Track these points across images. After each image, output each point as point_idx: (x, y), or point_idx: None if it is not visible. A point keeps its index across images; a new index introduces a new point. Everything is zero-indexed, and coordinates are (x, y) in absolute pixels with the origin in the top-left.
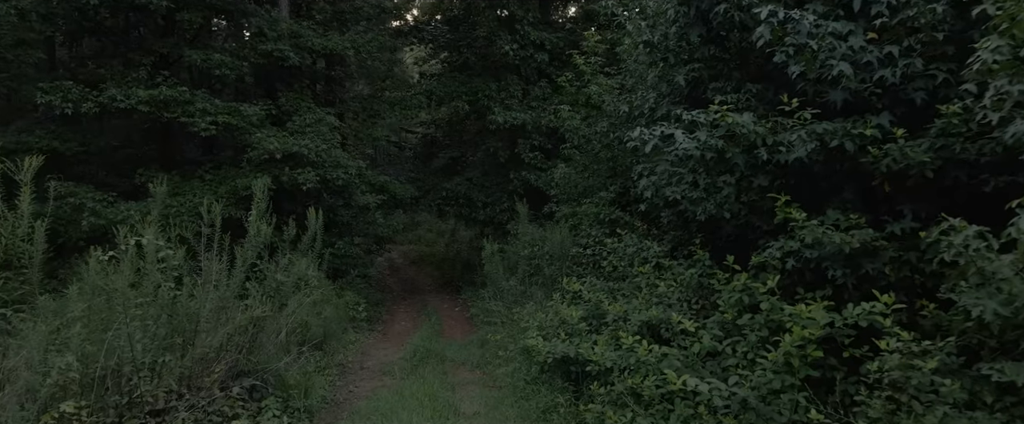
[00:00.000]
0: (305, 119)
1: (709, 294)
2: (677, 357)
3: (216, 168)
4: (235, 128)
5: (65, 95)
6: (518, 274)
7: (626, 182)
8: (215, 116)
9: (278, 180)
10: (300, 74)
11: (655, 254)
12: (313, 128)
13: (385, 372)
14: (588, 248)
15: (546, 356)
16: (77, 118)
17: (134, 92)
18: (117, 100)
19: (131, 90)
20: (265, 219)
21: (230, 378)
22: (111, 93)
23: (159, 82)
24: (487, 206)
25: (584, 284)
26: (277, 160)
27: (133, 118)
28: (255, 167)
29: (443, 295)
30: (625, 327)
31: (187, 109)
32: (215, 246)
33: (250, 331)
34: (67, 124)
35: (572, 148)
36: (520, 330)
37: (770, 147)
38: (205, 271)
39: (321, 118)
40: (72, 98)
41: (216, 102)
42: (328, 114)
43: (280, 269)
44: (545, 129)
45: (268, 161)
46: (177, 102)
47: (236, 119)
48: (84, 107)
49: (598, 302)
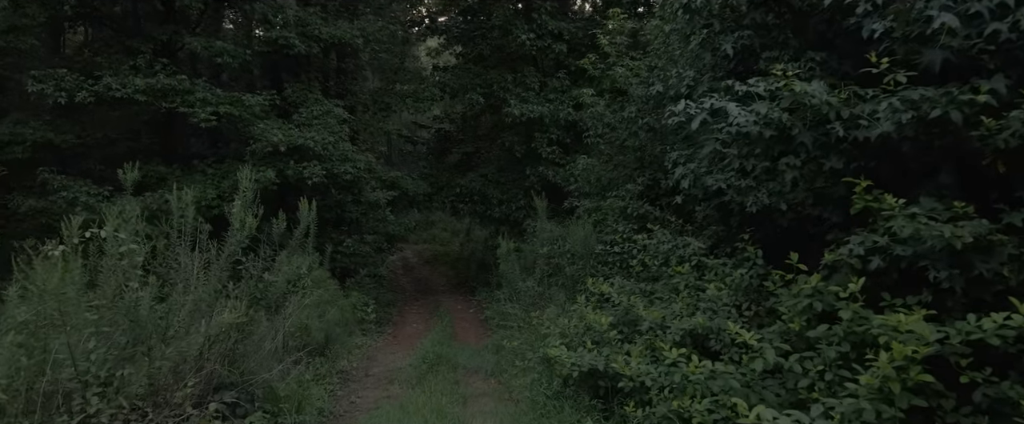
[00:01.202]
0: (312, 111)
1: (762, 298)
2: (732, 375)
3: (219, 162)
4: (237, 119)
5: (58, 83)
6: (536, 274)
7: (655, 174)
8: (216, 106)
9: (283, 174)
10: (308, 65)
11: (694, 251)
12: (321, 120)
13: (392, 380)
14: (615, 245)
15: (571, 369)
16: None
17: (131, 81)
18: (113, 89)
19: (127, 79)
20: (252, 211)
21: (208, 392)
22: (107, 81)
23: (157, 70)
24: (503, 203)
25: (612, 285)
26: (282, 153)
27: (133, 109)
28: (259, 160)
29: (457, 296)
30: (663, 337)
31: (187, 98)
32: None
33: (232, 337)
34: (65, 115)
35: (595, 137)
36: (540, 336)
37: (846, 121)
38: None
39: (329, 110)
40: (66, 87)
41: (217, 91)
42: (337, 106)
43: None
44: (564, 122)
45: (272, 154)
46: (176, 91)
47: (238, 109)
48: (79, 96)
49: (629, 307)
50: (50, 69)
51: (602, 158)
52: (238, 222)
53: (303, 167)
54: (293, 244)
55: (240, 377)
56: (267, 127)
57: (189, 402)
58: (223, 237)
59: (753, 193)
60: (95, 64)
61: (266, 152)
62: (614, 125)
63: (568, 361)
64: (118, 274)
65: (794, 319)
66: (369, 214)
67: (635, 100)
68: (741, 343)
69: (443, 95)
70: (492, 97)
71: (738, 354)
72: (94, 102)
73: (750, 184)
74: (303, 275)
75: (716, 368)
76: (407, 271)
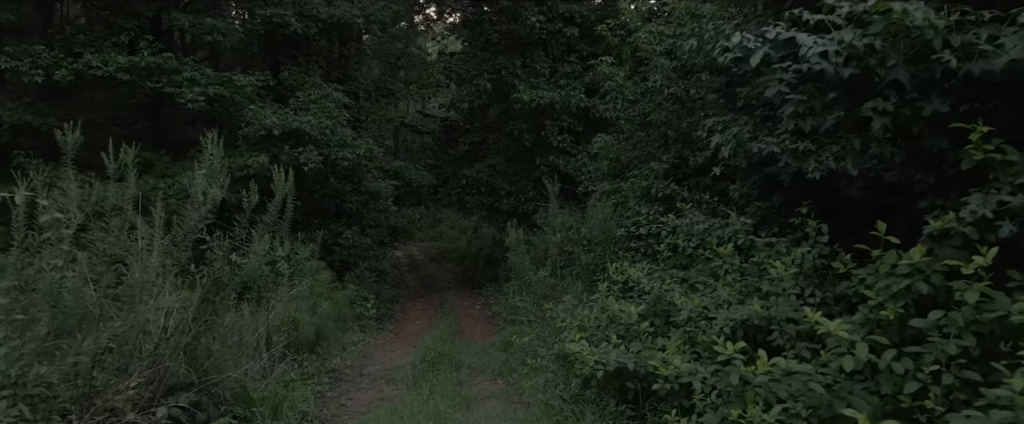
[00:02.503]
0: (310, 95)
1: (828, 283)
2: (811, 377)
3: None
4: (229, 102)
5: (34, 61)
6: (548, 264)
7: (682, 150)
8: (206, 87)
9: (277, 160)
10: (307, 49)
11: (739, 229)
12: (318, 105)
13: (388, 380)
14: (640, 227)
15: (594, 368)
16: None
17: (112, 58)
18: (93, 67)
19: (109, 56)
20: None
21: (159, 394)
22: (86, 59)
23: (141, 48)
24: (511, 195)
25: (642, 271)
26: (276, 137)
27: (120, 91)
28: (252, 145)
29: (463, 292)
30: (707, 328)
31: (173, 78)
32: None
33: (191, 329)
34: (48, 98)
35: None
36: (554, 331)
37: (958, 50)
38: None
39: (327, 94)
40: (42, 64)
41: (207, 71)
42: (336, 90)
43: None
44: (575, 109)
45: (266, 138)
46: (162, 70)
47: (229, 90)
48: (57, 75)
49: (661, 294)
50: (26, 45)
51: (622, 135)
52: (200, 193)
53: (299, 152)
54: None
55: (203, 376)
56: (259, 109)
57: (130, 407)
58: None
59: (814, 157)
60: (76, 41)
61: (259, 136)
62: (636, 98)
63: (590, 358)
64: (48, 252)
65: (886, 305)
66: (370, 204)
67: (660, 68)
68: (813, 335)
69: (449, 82)
70: (500, 83)
71: (807, 350)
72: (74, 81)
73: (808, 148)
74: (281, 258)
75: (790, 366)
76: (413, 268)
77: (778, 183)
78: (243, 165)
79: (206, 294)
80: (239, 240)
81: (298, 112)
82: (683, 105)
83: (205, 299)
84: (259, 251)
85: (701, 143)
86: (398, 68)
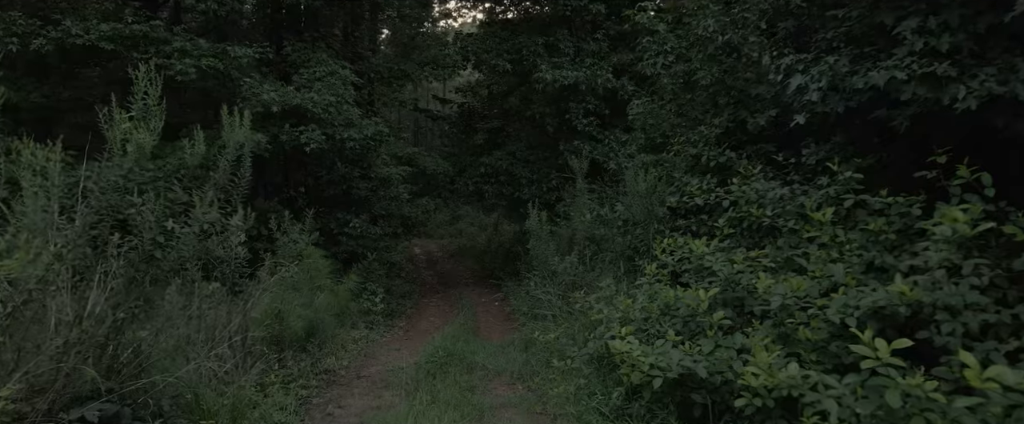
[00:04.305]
0: (315, 73)
1: (1001, 254)
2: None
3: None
4: (223, 76)
5: (9, 28)
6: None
7: (737, 112)
8: (198, 59)
9: (277, 139)
10: (313, 24)
11: (845, 186)
12: (324, 82)
13: (388, 384)
14: (695, 198)
15: (650, 374)
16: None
17: (95, 26)
18: (73, 35)
19: (91, 24)
20: (150, 129)
21: (59, 406)
22: (66, 26)
23: (126, 14)
24: (533, 183)
25: (708, 245)
26: (275, 115)
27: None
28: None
29: (481, 289)
30: (816, 318)
31: (162, 49)
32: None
33: (108, 318)
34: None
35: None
36: (587, 326)
37: None
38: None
39: (334, 71)
40: (17, 32)
41: (200, 42)
42: (344, 68)
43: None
44: (602, 90)
45: (265, 116)
46: (149, 40)
47: (223, 62)
48: (34, 44)
49: (732, 277)
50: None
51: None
52: (116, 133)
53: (301, 132)
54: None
55: (126, 381)
56: (254, 82)
57: (11, 420)
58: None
59: (962, 82)
60: (58, 8)
61: (256, 114)
62: (681, 52)
63: (644, 360)
64: None
65: None
66: (380, 192)
67: (711, 13)
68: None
69: (466, 63)
70: (521, 63)
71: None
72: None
73: (947, 73)
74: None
75: (1019, 379)
76: (430, 264)
77: (888, 130)
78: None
79: (134, 274)
80: (177, 204)
81: (301, 90)
82: (739, 56)
83: (132, 280)
84: (203, 219)
85: (764, 100)
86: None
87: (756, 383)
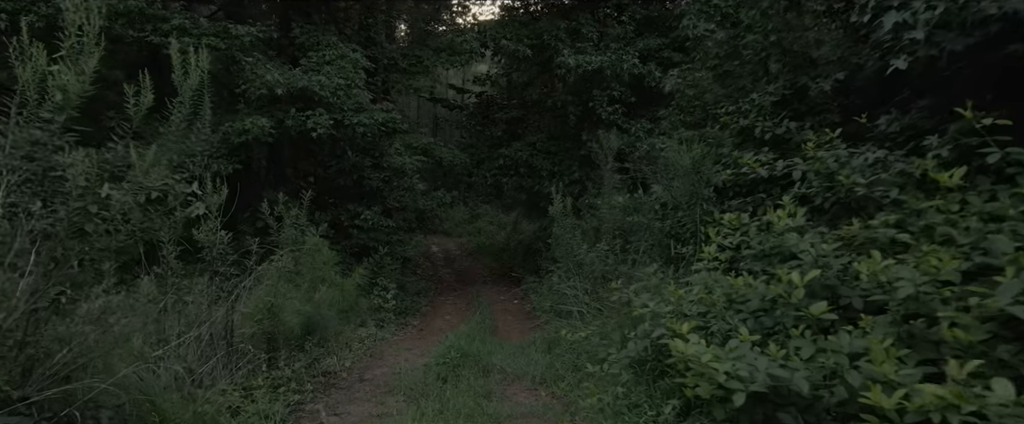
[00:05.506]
0: (325, 56)
1: None
2: None
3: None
4: (225, 56)
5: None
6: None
7: (795, 77)
8: (198, 37)
9: (282, 125)
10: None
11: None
12: (333, 65)
13: (393, 389)
14: (756, 170)
15: (727, 385)
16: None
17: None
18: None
19: None
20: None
21: None
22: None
23: None
24: (554, 175)
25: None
26: (280, 98)
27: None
28: (253, 108)
29: (500, 286)
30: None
31: (160, 28)
32: None
33: (22, 306)
34: None
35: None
36: (625, 321)
37: None
38: None
39: (344, 54)
40: (7, 8)
41: (200, 20)
42: (355, 51)
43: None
44: (627, 77)
45: (269, 99)
46: (145, 17)
47: (224, 41)
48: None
49: (820, 259)
50: None
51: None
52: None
53: (307, 116)
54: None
55: (42, 389)
56: (256, 63)
57: None
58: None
59: None
60: None
61: (260, 97)
62: (730, 11)
63: (719, 368)
64: None
65: None
66: (393, 182)
67: None
68: None
69: (484, 49)
70: (543, 49)
71: None
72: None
73: None
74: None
75: None
76: (448, 262)
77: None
78: (242, 130)
79: (58, 254)
80: (119, 168)
81: (309, 73)
82: (801, 11)
83: (55, 260)
84: (146, 181)
85: (830, 62)
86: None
87: (888, 404)
